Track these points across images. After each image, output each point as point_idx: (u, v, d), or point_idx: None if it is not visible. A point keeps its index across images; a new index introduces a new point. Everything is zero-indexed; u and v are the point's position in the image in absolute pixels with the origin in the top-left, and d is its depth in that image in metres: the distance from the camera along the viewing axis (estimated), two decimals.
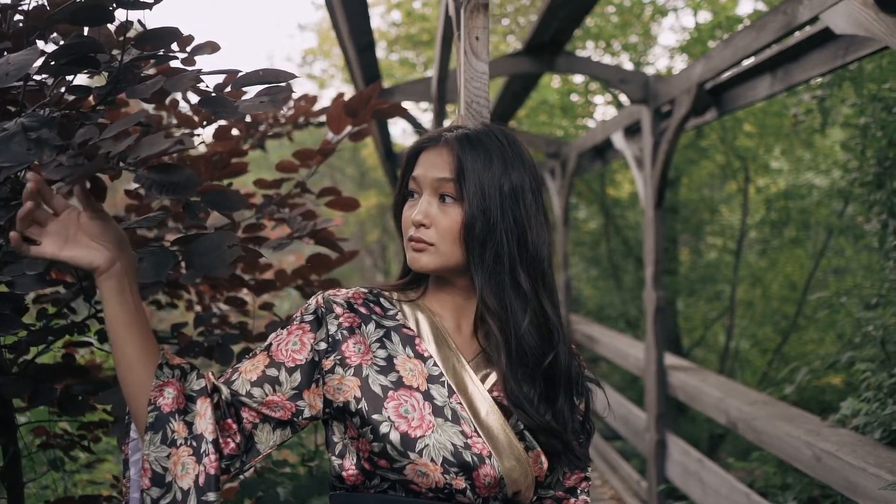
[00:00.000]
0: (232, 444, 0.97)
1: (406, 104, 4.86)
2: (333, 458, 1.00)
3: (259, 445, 1.00)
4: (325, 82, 12.18)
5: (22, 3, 1.13)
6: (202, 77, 1.07)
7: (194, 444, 0.94)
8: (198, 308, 2.06)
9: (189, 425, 0.95)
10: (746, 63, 3.02)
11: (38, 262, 1.12)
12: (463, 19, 1.32)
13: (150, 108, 1.98)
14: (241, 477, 1.98)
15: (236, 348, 1.70)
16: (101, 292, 0.93)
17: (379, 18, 9.97)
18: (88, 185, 0.82)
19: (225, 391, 0.99)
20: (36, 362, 1.48)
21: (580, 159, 5.49)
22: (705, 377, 3.41)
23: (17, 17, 1.16)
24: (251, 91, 1.06)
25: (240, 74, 1.04)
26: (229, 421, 0.98)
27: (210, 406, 0.96)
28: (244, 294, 2.00)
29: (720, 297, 7.16)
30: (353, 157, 12.79)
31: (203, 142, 1.77)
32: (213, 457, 0.94)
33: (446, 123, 1.50)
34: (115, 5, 0.97)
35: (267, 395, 0.99)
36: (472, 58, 1.30)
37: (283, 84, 0.99)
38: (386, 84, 4.66)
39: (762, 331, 6.50)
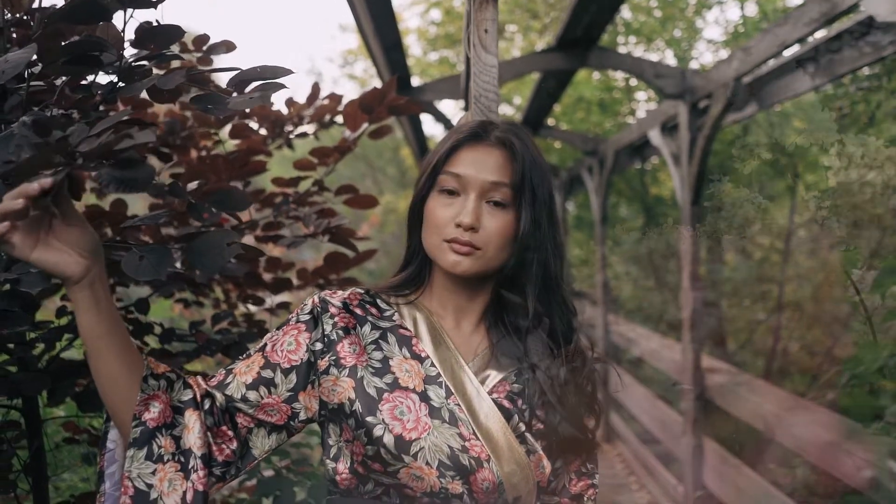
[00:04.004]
0: (227, 451, 0.96)
1: (443, 102, 4.83)
2: (328, 461, 0.99)
3: (254, 451, 0.99)
4: (367, 82, 12.27)
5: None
6: (206, 74, 1.07)
7: (182, 459, 0.92)
8: (224, 306, 2.09)
9: (176, 440, 0.92)
10: (787, 55, 2.90)
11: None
12: (472, 11, 1.28)
13: (174, 107, 2.00)
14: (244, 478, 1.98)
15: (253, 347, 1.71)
16: (74, 303, 0.87)
17: (419, 18, 10.00)
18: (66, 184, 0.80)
19: (220, 397, 0.97)
20: (61, 357, 1.51)
21: (618, 157, 5.39)
22: (743, 381, 3.30)
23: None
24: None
25: (238, 71, 1.04)
26: (224, 428, 0.96)
27: (198, 418, 0.93)
28: (265, 293, 2.01)
29: (767, 297, 6.94)
30: (393, 156, 12.86)
31: (220, 140, 1.78)
32: (201, 472, 0.91)
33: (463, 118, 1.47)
34: (117, 4, 0.97)
35: (262, 398, 0.97)
36: (481, 51, 1.26)
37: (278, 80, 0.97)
38: (419, 83, 4.65)
39: (811, 332, 6.27)
